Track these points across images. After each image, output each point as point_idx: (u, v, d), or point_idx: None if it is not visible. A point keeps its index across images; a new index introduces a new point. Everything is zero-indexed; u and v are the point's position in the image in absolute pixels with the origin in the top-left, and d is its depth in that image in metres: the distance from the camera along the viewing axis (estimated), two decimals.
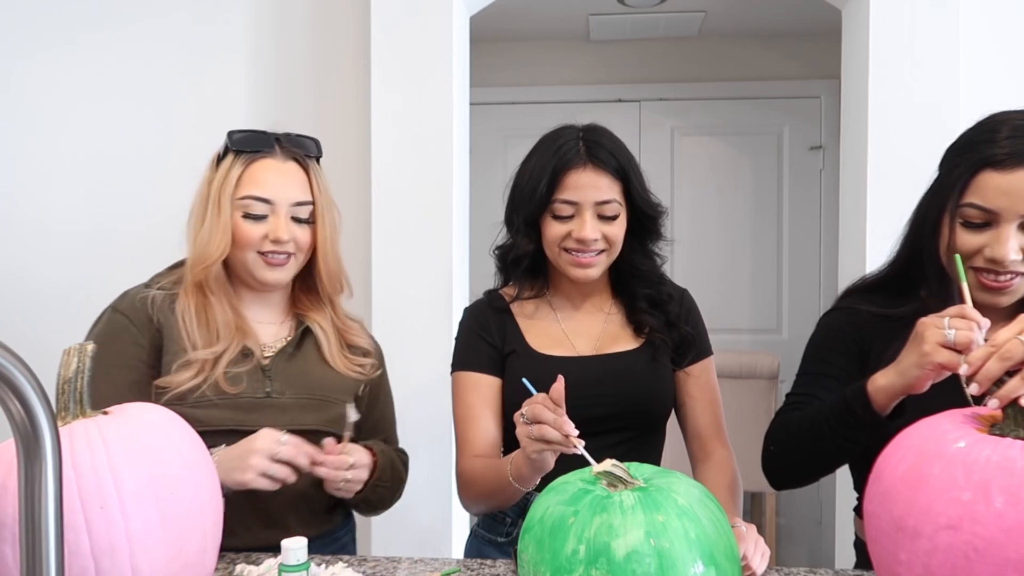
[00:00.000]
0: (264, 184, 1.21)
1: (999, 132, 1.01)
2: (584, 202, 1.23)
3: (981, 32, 1.98)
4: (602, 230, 1.24)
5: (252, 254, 1.22)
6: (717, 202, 3.49)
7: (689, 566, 0.74)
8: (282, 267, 1.23)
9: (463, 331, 1.35)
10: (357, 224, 2.15)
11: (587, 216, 1.23)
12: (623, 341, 1.32)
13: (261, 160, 1.23)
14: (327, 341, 1.28)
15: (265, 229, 1.21)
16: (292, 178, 1.24)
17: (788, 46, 3.41)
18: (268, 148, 1.23)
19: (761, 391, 2.92)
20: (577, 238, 1.23)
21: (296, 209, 1.23)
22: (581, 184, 1.23)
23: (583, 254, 1.24)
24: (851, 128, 2.11)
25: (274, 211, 1.22)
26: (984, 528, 0.70)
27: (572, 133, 1.27)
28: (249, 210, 1.21)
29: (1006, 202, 0.99)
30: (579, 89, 3.50)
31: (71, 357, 0.90)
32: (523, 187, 1.28)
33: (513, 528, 1.30)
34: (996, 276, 1.02)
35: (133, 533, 0.82)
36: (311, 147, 1.29)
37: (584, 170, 1.23)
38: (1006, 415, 0.80)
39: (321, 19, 2.17)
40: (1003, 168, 0.99)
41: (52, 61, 2.23)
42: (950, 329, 0.91)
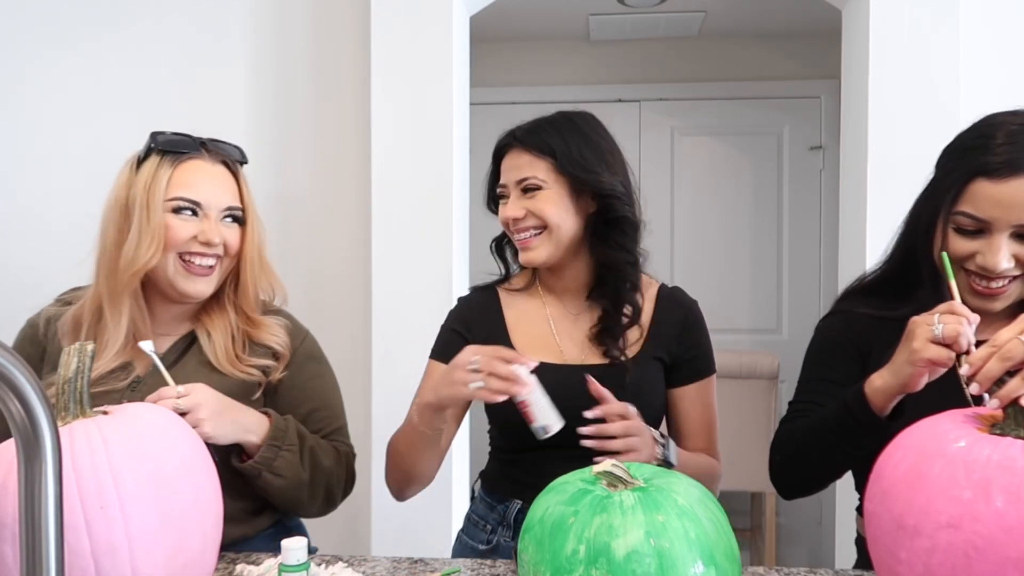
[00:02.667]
0: (195, 186, 1.18)
1: (994, 138, 1.01)
2: (509, 183, 1.25)
3: (981, 32, 1.98)
4: (526, 206, 1.22)
5: (174, 261, 1.18)
6: (717, 202, 3.49)
7: (689, 566, 0.74)
8: (205, 278, 1.20)
9: (448, 320, 1.35)
10: (357, 224, 2.15)
11: (512, 196, 1.24)
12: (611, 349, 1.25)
13: (189, 162, 1.20)
14: (213, 346, 1.23)
15: (195, 229, 1.18)
16: (222, 181, 1.22)
17: (788, 46, 3.41)
18: (195, 150, 1.21)
19: (761, 391, 2.92)
20: (503, 220, 1.26)
21: (228, 212, 1.22)
22: (508, 166, 1.26)
23: (518, 235, 1.25)
24: (851, 128, 2.11)
25: (205, 214, 1.19)
26: (984, 527, 0.70)
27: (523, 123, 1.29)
28: (179, 209, 1.18)
29: (999, 212, 0.99)
30: (579, 89, 3.50)
31: (71, 357, 0.90)
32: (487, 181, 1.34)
33: (493, 536, 1.28)
34: (988, 283, 1.03)
35: (133, 533, 0.82)
36: (236, 153, 1.27)
37: (511, 152, 1.25)
38: (1007, 415, 0.80)
39: (321, 19, 2.17)
40: (996, 178, 0.99)
41: (53, 64, 2.23)
42: (938, 324, 0.91)
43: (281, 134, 2.19)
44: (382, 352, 2.05)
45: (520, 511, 1.26)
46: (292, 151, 2.19)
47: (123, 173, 1.21)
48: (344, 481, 1.29)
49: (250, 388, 1.23)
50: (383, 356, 2.05)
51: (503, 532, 1.28)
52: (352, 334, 2.15)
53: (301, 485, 1.20)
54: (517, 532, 1.25)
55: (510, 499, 1.28)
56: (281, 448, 1.17)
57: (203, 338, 1.24)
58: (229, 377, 1.22)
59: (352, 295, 2.16)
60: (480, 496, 1.35)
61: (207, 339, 1.24)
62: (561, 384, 1.13)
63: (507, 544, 1.27)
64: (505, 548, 1.27)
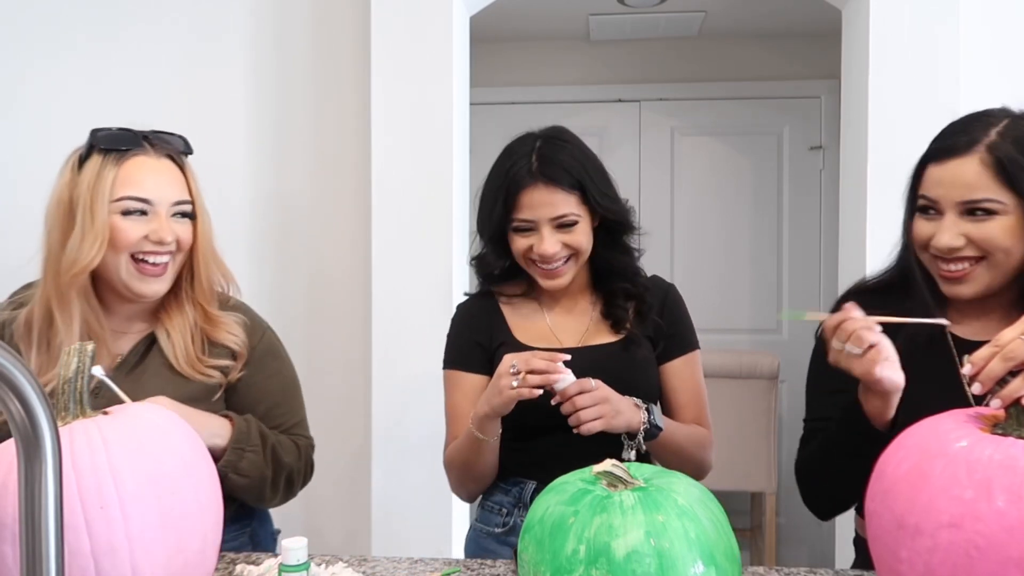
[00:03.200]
0: (141, 183, 1.16)
1: (947, 128, 1.10)
2: (540, 219, 1.25)
3: (981, 31, 1.98)
4: (562, 240, 1.26)
5: (126, 263, 1.16)
6: (717, 202, 3.49)
7: (689, 566, 0.74)
8: (159, 278, 1.18)
9: (454, 328, 1.39)
10: (357, 224, 2.15)
11: (545, 232, 1.25)
12: (605, 334, 1.34)
13: (134, 158, 1.17)
14: (173, 347, 1.21)
15: (146, 229, 1.16)
16: (169, 176, 1.19)
17: (788, 46, 3.41)
18: (139, 146, 1.18)
19: (761, 391, 2.92)
20: (538, 253, 1.26)
21: (178, 208, 1.19)
22: (535, 203, 1.24)
23: (548, 266, 1.28)
24: (851, 128, 2.11)
25: (154, 211, 1.16)
26: (985, 526, 0.70)
27: (527, 147, 1.27)
28: (128, 211, 1.15)
29: (941, 191, 1.06)
30: (579, 89, 3.50)
31: (71, 357, 0.90)
32: (483, 207, 1.31)
33: (509, 518, 1.33)
34: (947, 265, 1.07)
35: (133, 533, 0.82)
36: (181, 144, 1.24)
37: (536, 188, 1.24)
38: (1009, 415, 0.80)
39: (321, 20, 2.17)
40: (939, 160, 1.07)
41: (54, 64, 2.23)
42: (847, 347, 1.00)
43: (281, 134, 2.19)
44: (382, 352, 2.05)
45: (536, 490, 1.31)
46: (292, 151, 2.19)
47: (64, 172, 1.19)
48: (304, 473, 1.31)
49: (211, 390, 1.24)
50: (383, 356, 2.05)
51: (519, 513, 1.32)
52: (352, 334, 2.15)
53: (264, 482, 1.23)
54: None
55: (524, 481, 1.32)
56: (245, 450, 1.19)
57: (163, 338, 1.23)
58: (190, 380, 1.22)
59: (352, 295, 2.16)
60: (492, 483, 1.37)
61: (167, 339, 1.22)
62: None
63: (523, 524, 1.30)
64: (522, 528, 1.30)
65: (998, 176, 1.02)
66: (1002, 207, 1.02)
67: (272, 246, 2.20)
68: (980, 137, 1.04)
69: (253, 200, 2.19)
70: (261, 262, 2.19)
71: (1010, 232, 1.02)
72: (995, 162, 1.02)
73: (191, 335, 1.24)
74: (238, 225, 2.18)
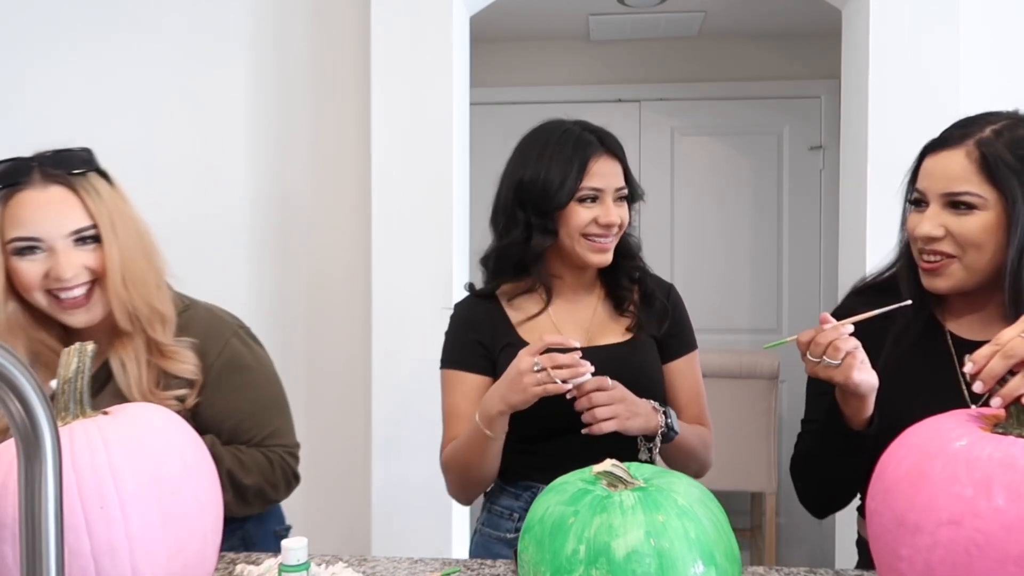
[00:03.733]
0: (27, 222, 1.09)
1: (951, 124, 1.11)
2: (608, 188, 1.28)
3: (980, 32, 1.98)
4: (620, 215, 1.29)
5: (42, 296, 1.11)
6: (717, 202, 3.49)
7: (689, 566, 0.74)
8: (84, 307, 1.12)
9: (453, 327, 1.37)
10: (357, 224, 2.15)
11: (609, 202, 1.28)
12: (611, 332, 1.34)
13: (20, 194, 1.10)
14: (127, 378, 1.15)
15: (44, 267, 1.09)
16: (59, 207, 1.10)
17: (788, 46, 3.41)
18: (25, 177, 1.10)
19: (761, 391, 2.92)
20: (605, 223, 1.27)
21: (77, 235, 1.11)
22: (604, 172, 1.28)
23: (604, 239, 1.29)
24: (851, 128, 2.11)
25: (49, 247, 1.09)
26: (985, 524, 0.70)
27: (574, 126, 1.32)
28: (20, 251, 1.09)
29: (928, 182, 1.08)
30: (579, 89, 3.50)
31: (71, 357, 0.90)
32: (542, 182, 1.28)
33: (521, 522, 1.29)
34: (924, 256, 1.09)
35: (133, 533, 0.82)
36: (79, 162, 1.14)
37: (605, 157, 1.28)
38: (1009, 414, 0.80)
39: (321, 20, 2.17)
40: (930, 154, 1.10)
41: (54, 65, 2.23)
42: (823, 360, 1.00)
43: (281, 134, 2.19)
44: (382, 352, 2.05)
45: None
46: (292, 151, 2.19)
47: None
48: (280, 483, 1.26)
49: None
50: (383, 356, 2.05)
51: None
52: (352, 334, 2.15)
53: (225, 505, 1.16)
54: None
55: (535, 485, 1.31)
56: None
57: (117, 369, 1.17)
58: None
59: (352, 295, 2.16)
60: (499, 487, 1.36)
61: (121, 371, 1.16)
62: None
63: None
64: None
65: (981, 170, 1.03)
66: (982, 202, 1.03)
67: (272, 246, 2.20)
68: (974, 132, 1.05)
69: (253, 200, 2.19)
70: (261, 262, 2.19)
71: (986, 229, 1.03)
72: (980, 157, 1.03)
73: (144, 365, 1.17)
74: (238, 225, 2.18)
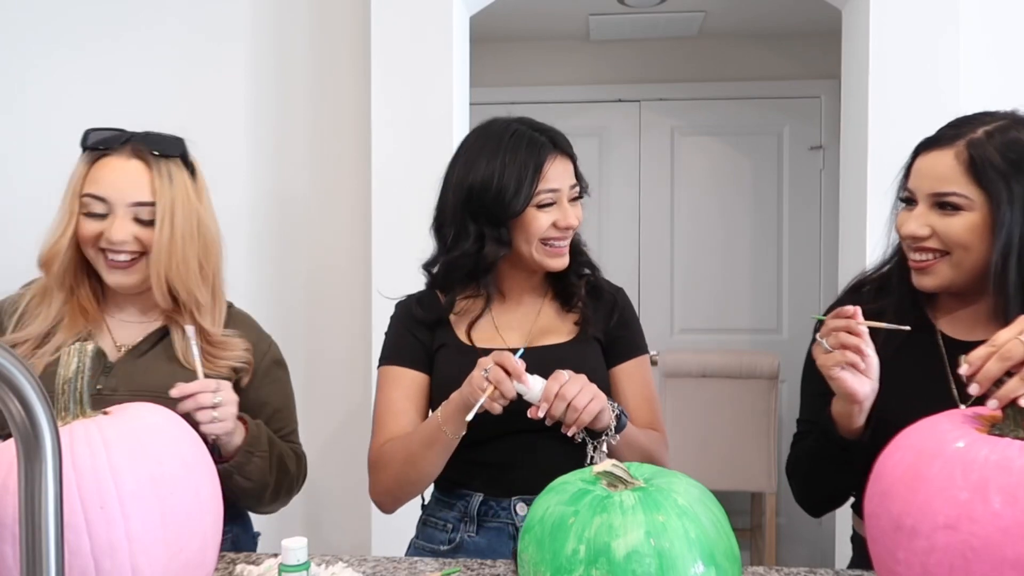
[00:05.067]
0: (102, 183, 1.20)
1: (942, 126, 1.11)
2: (563, 189, 1.24)
3: (981, 31, 1.98)
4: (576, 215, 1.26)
5: (95, 253, 1.21)
6: (717, 202, 3.49)
7: (689, 566, 0.74)
8: (124, 270, 1.21)
9: (393, 325, 1.35)
10: (357, 224, 2.15)
11: (566, 203, 1.25)
12: (554, 333, 1.30)
13: (105, 158, 1.21)
14: (184, 343, 1.23)
15: (102, 228, 1.19)
16: (132, 177, 1.20)
17: (788, 46, 3.40)
18: (116, 146, 1.22)
19: (761, 391, 2.92)
20: (564, 226, 1.23)
21: (138, 209, 1.20)
22: (559, 172, 1.24)
23: (561, 242, 1.25)
24: (851, 128, 2.11)
25: (112, 211, 1.19)
26: (981, 527, 0.70)
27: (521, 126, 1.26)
28: (89, 208, 1.20)
29: (917, 181, 1.09)
30: (579, 89, 3.50)
31: (71, 357, 0.90)
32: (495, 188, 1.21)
33: (455, 534, 1.26)
34: (913, 254, 1.09)
35: (133, 533, 0.82)
36: (168, 145, 1.24)
37: (559, 158, 1.24)
38: (1006, 415, 0.80)
39: (321, 20, 2.17)
40: (922, 152, 1.10)
41: (56, 66, 2.23)
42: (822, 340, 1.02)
43: (281, 134, 2.19)
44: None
45: (483, 503, 1.25)
46: (292, 151, 2.19)
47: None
48: (301, 480, 1.34)
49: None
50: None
51: (466, 528, 1.25)
52: (352, 333, 2.15)
53: (266, 488, 1.24)
54: (481, 526, 1.24)
55: (470, 493, 1.26)
56: (254, 454, 1.20)
57: (175, 334, 1.25)
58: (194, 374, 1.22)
59: (352, 295, 2.16)
60: (434, 496, 1.32)
61: (179, 336, 1.25)
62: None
63: (471, 539, 1.24)
64: (469, 545, 1.24)
65: (968, 172, 1.03)
66: (968, 203, 1.03)
67: (272, 246, 2.20)
68: (966, 133, 1.05)
69: (253, 200, 2.19)
70: (261, 262, 2.19)
71: (972, 230, 1.03)
72: (968, 158, 1.03)
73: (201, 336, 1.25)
74: (238, 225, 2.18)
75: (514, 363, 1.09)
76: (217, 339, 1.27)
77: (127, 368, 1.22)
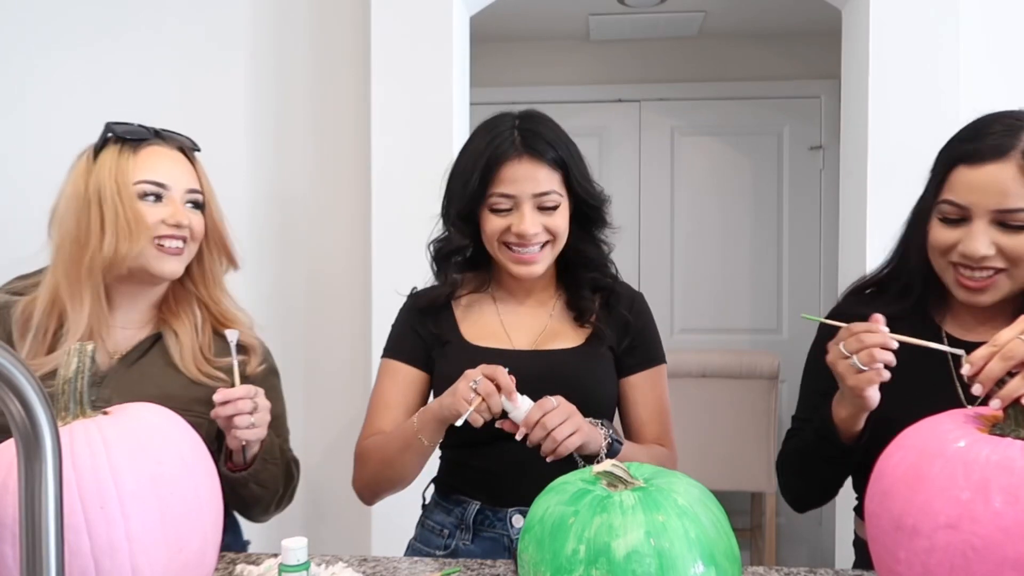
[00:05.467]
0: (157, 169, 1.21)
1: (977, 129, 1.04)
2: (521, 195, 1.17)
3: (981, 31, 1.98)
4: (543, 222, 1.19)
5: (146, 244, 1.20)
6: (717, 202, 3.49)
7: (689, 566, 0.74)
8: (177, 257, 1.22)
9: (399, 318, 1.34)
10: (357, 224, 2.15)
11: (526, 209, 1.17)
12: (564, 338, 1.26)
13: (148, 147, 1.22)
14: (179, 347, 1.24)
15: (162, 213, 1.20)
16: (182, 166, 1.25)
17: (788, 46, 3.40)
18: (149, 136, 1.24)
19: (761, 391, 2.92)
20: (517, 232, 1.18)
21: (189, 196, 1.24)
22: (518, 176, 1.17)
23: (525, 249, 1.19)
24: (851, 128, 2.11)
25: (169, 196, 1.21)
26: (982, 527, 0.70)
27: (507, 122, 1.21)
28: (144, 194, 1.19)
29: (975, 197, 1.00)
30: (579, 89, 3.50)
31: (71, 357, 0.90)
32: (457, 178, 1.23)
33: (451, 540, 1.24)
34: (972, 273, 1.03)
35: (133, 533, 0.82)
36: (189, 142, 1.30)
37: (520, 162, 1.17)
38: (1007, 415, 0.80)
39: (321, 19, 2.17)
40: (973, 163, 1.01)
41: (56, 67, 2.23)
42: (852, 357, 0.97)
43: (281, 135, 2.19)
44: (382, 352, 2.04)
45: (480, 512, 1.23)
46: (292, 151, 2.19)
47: (78, 164, 1.22)
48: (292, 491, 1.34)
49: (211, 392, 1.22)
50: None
51: (461, 535, 1.23)
52: (352, 334, 2.15)
53: (275, 496, 1.26)
54: (477, 535, 1.23)
55: (468, 501, 1.24)
56: (268, 462, 1.22)
57: (169, 339, 1.25)
58: (191, 380, 1.23)
59: (352, 295, 2.16)
60: (434, 500, 1.31)
61: (174, 340, 1.25)
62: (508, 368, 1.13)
63: (466, 548, 1.23)
64: (463, 554, 1.22)
65: None
66: None
67: (272, 246, 2.20)
68: (1014, 143, 1.00)
69: (253, 200, 2.19)
70: (261, 262, 2.19)
71: None
72: None
73: (197, 334, 1.26)
74: (238, 225, 2.16)
75: (506, 379, 1.06)
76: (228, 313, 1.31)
77: (121, 377, 1.20)
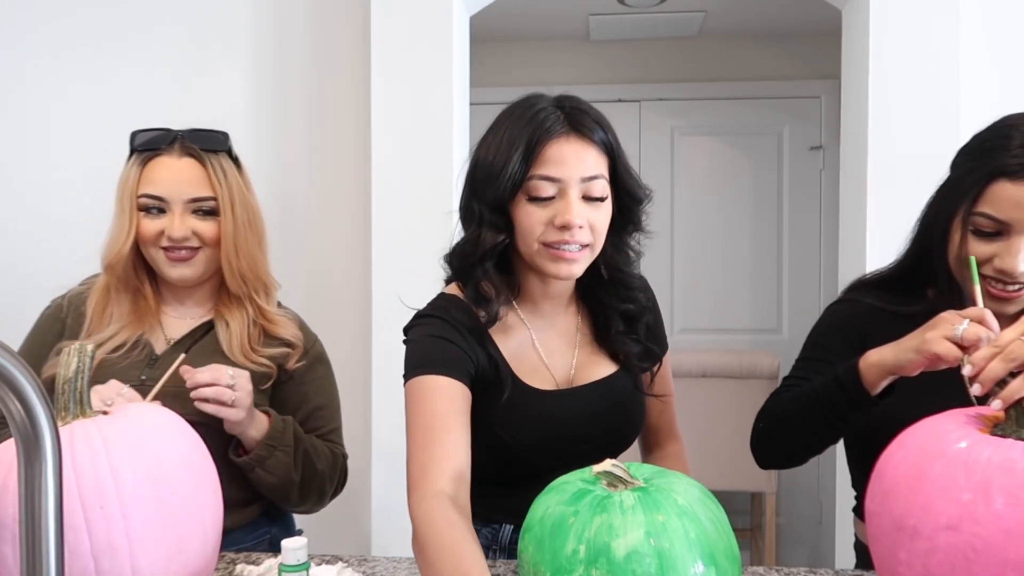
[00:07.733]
0: (157, 182, 1.24)
1: (1012, 139, 1.00)
2: (568, 178, 1.02)
3: (981, 31, 1.98)
4: (588, 216, 1.03)
5: (155, 251, 1.26)
6: (717, 202, 3.49)
7: (689, 566, 0.74)
8: (186, 263, 1.26)
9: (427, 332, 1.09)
10: (357, 224, 2.15)
11: (572, 195, 1.01)
12: (598, 366, 1.16)
13: (157, 158, 1.25)
14: (229, 336, 1.28)
15: (162, 226, 1.24)
16: (187, 175, 1.25)
17: (788, 46, 3.40)
18: (165, 145, 1.26)
19: (761, 391, 2.91)
20: (561, 223, 1.01)
21: (197, 204, 1.25)
22: (566, 157, 1.01)
23: (568, 246, 1.02)
24: (851, 128, 2.11)
25: (169, 209, 1.24)
26: (983, 528, 0.70)
27: (546, 101, 1.07)
28: (146, 207, 1.24)
29: (1019, 213, 0.98)
30: (579, 89, 3.44)
31: (71, 357, 0.90)
32: (489, 165, 1.04)
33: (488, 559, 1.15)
34: (1004, 286, 1.02)
35: (133, 533, 0.82)
36: (215, 141, 1.29)
37: (567, 140, 1.02)
38: (1008, 416, 0.80)
39: (321, 19, 2.17)
40: (1017, 179, 0.98)
41: (55, 66, 2.23)
42: (963, 324, 0.90)
43: (281, 135, 2.19)
44: (382, 352, 2.05)
45: (513, 532, 1.16)
46: (292, 151, 2.19)
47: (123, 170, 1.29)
48: (336, 483, 1.34)
49: (260, 378, 1.27)
50: (383, 356, 2.05)
51: (492, 556, 1.16)
52: (352, 334, 2.15)
53: (291, 485, 1.25)
54: (512, 555, 1.17)
55: (501, 522, 1.17)
56: (276, 448, 1.22)
57: (220, 327, 1.29)
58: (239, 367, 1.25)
59: (352, 295, 2.16)
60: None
61: (224, 328, 1.29)
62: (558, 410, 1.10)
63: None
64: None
65: None
66: None
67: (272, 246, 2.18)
68: None
69: None
70: None
71: None
72: None
73: (248, 327, 1.30)
74: None
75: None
76: (273, 316, 1.33)
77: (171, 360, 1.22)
